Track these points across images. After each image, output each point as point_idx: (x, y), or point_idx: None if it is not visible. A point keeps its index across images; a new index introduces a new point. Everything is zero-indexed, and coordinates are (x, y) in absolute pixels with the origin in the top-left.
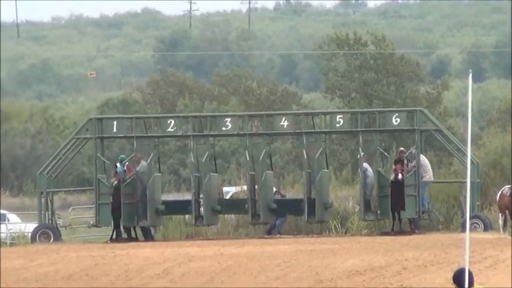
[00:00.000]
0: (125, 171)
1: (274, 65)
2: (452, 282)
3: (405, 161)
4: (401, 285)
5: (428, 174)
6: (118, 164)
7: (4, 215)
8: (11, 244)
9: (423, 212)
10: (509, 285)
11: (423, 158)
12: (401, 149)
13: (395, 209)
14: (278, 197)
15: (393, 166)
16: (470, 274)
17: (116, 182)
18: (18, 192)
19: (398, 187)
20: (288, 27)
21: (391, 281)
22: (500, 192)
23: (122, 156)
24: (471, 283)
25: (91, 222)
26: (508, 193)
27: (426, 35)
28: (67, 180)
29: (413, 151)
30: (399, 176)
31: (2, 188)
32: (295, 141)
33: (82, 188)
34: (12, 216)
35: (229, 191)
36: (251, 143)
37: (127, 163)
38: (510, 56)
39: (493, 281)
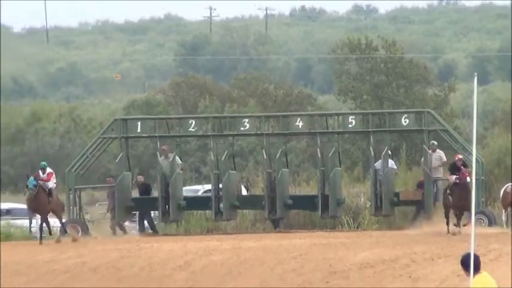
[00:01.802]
0: (35, 185)
1: (290, 69)
2: (460, 266)
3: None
4: (410, 276)
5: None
6: (40, 172)
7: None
8: (42, 238)
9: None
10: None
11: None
12: (460, 156)
13: (460, 209)
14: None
15: (451, 170)
16: (477, 258)
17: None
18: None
19: (462, 190)
20: (303, 32)
21: (400, 273)
22: (503, 189)
23: (44, 163)
24: (477, 266)
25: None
26: (511, 190)
27: (434, 40)
28: (94, 177)
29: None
30: (468, 179)
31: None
32: (310, 141)
33: (108, 185)
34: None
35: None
36: (268, 142)
37: (48, 169)
38: (510, 59)
39: (497, 273)
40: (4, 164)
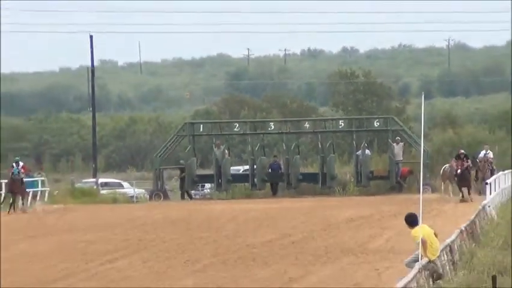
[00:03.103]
0: (18, 171)
1: (301, 90)
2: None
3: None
4: (380, 227)
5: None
6: (14, 164)
7: (120, 183)
8: (137, 201)
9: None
10: (448, 227)
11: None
12: (462, 151)
13: (463, 185)
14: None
15: (454, 160)
16: (415, 215)
17: (12, 176)
18: (141, 168)
19: (464, 175)
20: (309, 65)
21: (373, 225)
22: (442, 169)
23: (16, 158)
24: (416, 222)
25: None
26: (448, 170)
27: (396, 70)
28: (172, 161)
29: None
30: (460, 167)
31: (130, 166)
32: (314, 137)
33: (180, 166)
34: (125, 184)
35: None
36: (286, 138)
37: (21, 163)
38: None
39: (437, 225)
40: (112, 152)
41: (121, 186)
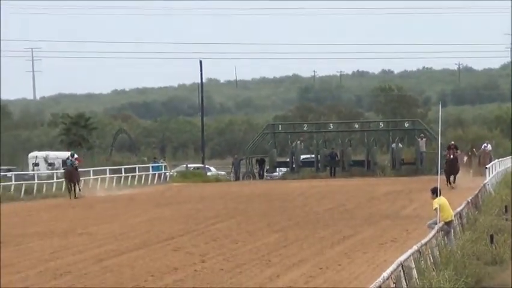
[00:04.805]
0: (72, 162)
1: (352, 100)
2: (431, 193)
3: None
4: (409, 199)
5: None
6: (69, 157)
7: (208, 167)
8: (223, 180)
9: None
10: (458, 200)
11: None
12: (452, 142)
13: (450, 173)
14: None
15: (446, 150)
16: (437, 188)
17: (65, 167)
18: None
19: (453, 162)
20: (358, 82)
21: (404, 198)
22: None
23: (72, 152)
24: (437, 193)
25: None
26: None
27: (420, 85)
28: (258, 151)
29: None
30: (451, 156)
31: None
32: (361, 134)
33: (265, 155)
34: (212, 168)
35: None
36: (341, 135)
37: (76, 155)
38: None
39: (451, 198)
40: (216, 145)
41: (209, 169)
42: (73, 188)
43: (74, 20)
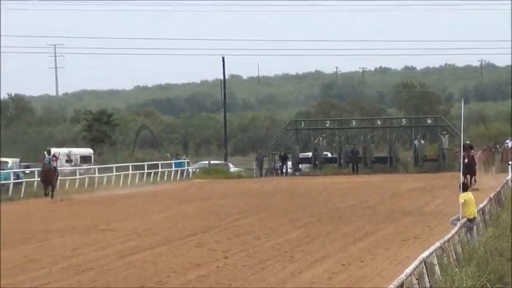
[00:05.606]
0: (50, 160)
1: (374, 96)
2: (458, 188)
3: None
4: (432, 195)
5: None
6: (46, 154)
7: (228, 164)
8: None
9: None
10: (482, 196)
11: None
12: (467, 142)
13: (468, 173)
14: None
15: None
16: (466, 184)
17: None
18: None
19: (469, 165)
20: (381, 78)
21: (426, 194)
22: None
23: (48, 148)
24: (466, 189)
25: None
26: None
27: (442, 82)
28: (280, 148)
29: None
30: (466, 160)
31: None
32: (384, 130)
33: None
34: (230, 165)
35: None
36: (364, 131)
37: (52, 152)
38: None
39: (474, 194)
40: (238, 141)
41: (227, 166)
42: (50, 193)
43: (97, 16)
